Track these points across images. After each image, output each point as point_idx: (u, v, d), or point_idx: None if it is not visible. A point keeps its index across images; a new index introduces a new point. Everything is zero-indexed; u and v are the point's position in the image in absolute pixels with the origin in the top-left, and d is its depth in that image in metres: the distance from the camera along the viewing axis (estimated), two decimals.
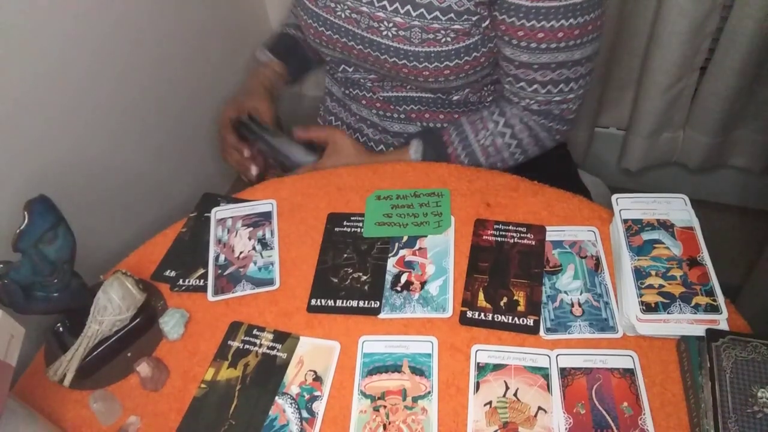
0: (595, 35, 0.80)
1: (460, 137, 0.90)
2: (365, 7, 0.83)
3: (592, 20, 0.77)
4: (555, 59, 0.80)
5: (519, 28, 0.77)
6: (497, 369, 0.67)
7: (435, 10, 0.79)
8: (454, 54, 0.82)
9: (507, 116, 0.88)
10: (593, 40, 0.80)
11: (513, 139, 0.89)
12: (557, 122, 0.88)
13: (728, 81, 1.28)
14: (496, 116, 0.89)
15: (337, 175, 0.89)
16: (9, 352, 0.59)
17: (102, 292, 0.71)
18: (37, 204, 0.65)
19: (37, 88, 0.77)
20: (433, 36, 0.80)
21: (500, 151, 0.89)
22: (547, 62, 0.80)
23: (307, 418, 0.66)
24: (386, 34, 0.83)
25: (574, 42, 0.78)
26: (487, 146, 0.89)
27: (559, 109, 0.86)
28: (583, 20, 0.76)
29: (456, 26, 0.79)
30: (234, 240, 0.83)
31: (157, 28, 0.96)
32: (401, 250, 0.79)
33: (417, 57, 0.82)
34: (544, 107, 0.86)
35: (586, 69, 0.83)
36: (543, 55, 0.79)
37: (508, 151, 0.89)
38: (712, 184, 1.57)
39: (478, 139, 0.89)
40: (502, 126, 0.88)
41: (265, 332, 0.73)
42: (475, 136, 0.89)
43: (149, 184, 1.00)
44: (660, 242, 0.71)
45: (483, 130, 0.89)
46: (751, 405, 0.58)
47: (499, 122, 0.88)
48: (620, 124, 1.53)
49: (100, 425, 0.68)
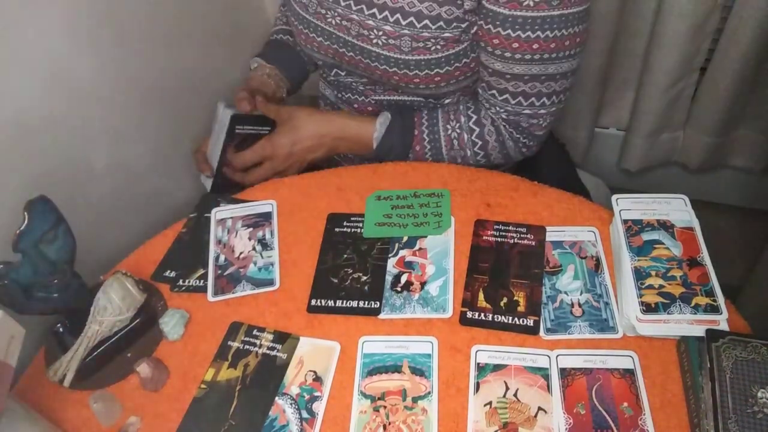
0: (573, 52, 0.78)
1: (429, 122, 0.89)
2: (355, 14, 0.83)
3: (571, 35, 0.75)
4: (528, 71, 0.78)
5: (495, 35, 0.76)
6: (497, 369, 0.67)
7: (424, 18, 0.78)
8: (444, 61, 0.82)
9: (480, 115, 0.88)
10: (571, 56, 0.78)
11: (479, 139, 0.88)
12: (524, 136, 0.87)
13: (728, 81, 1.28)
14: (470, 112, 0.88)
15: (337, 175, 0.89)
16: (9, 353, 0.59)
17: (102, 293, 0.71)
18: (37, 204, 0.65)
19: (37, 88, 0.77)
20: (423, 44, 0.80)
21: (464, 147, 0.88)
22: (519, 73, 0.79)
23: (307, 418, 0.66)
24: (376, 42, 0.82)
25: (549, 56, 0.76)
26: (453, 138, 0.88)
27: (528, 122, 0.85)
28: (561, 34, 0.75)
29: (446, 34, 0.79)
30: (234, 240, 0.83)
31: (157, 28, 0.96)
32: (401, 250, 0.79)
33: (407, 65, 0.82)
34: (513, 118, 0.85)
35: (561, 86, 0.81)
36: (516, 65, 0.78)
37: (471, 150, 0.89)
38: (712, 184, 1.57)
39: (446, 128, 0.88)
40: (473, 123, 0.88)
41: (265, 333, 0.73)
42: (445, 124, 0.89)
43: (149, 184, 1.00)
44: (660, 243, 0.71)
45: (454, 121, 0.88)
46: (751, 405, 0.58)
47: (471, 118, 0.88)
48: (620, 124, 1.53)
49: (100, 425, 0.68)
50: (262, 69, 1.02)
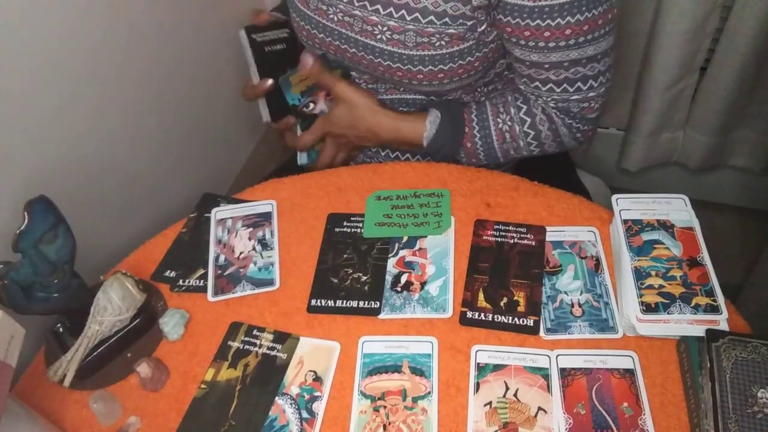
0: (607, 29, 0.77)
1: (479, 117, 0.89)
2: (358, 10, 0.82)
3: (601, 14, 0.75)
4: (567, 57, 0.78)
5: (525, 28, 0.76)
6: (497, 369, 0.67)
7: (429, 14, 0.78)
8: (448, 58, 0.82)
9: (530, 104, 0.87)
10: (605, 34, 0.77)
11: (531, 129, 0.87)
12: (577, 121, 0.86)
13: (728, 81, 1.28)
14: (519, 103, 0.87)
15: (337, 175, 0.89)
16: (9, 353, 0.59)
17: (102, 293, 0.71)
18: (37, 204, 0.65)
19: (36, 88, 0.77)
20: (427, 39, 0.80)
21: (516, 138, 0.88)
22: (558, 61, 0.78)
23: (307, 418, 0.66)
24: (380, 37, 0.82)
25: (584, 38, 0.76)
26: (505, 131, 0.87)
27: (579, 107, 0.84)
28: (591, 15, 0.74)
29: (451, 30, 0.79)
30: (234, 240, 0.83)
31: (157, 27, 0.96)
32: (401, 250, 0.79)
33: (411, 60, 0.82)
34: (562, 105, 0.84)
35: (604, 65, 0.81)
36: (552, 53, 0.77)
37: (524, 141, 0.88)
38: (712, 184, 1.57)
39: (496, 122, 0.87)
40: (523, 113, 0.87)
41: (265, 332, 0.73)
42: (495, 117, 0.88)
43: (149, 184, 1.00)
44: (660, 242, 0.71)
45: (504, 114, 0.87)
46: (751, 405, 0.58)
47: (521, 108, 0.87)
48: (620, 124, 1.53)
49: (100, 425, 0.68)
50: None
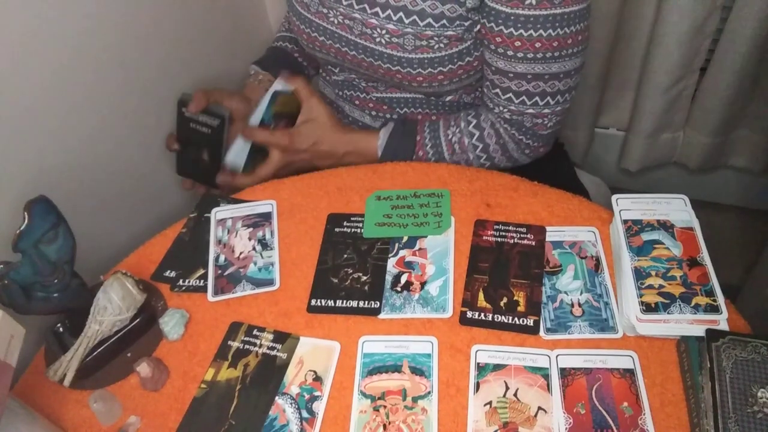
0: (576, 50, 0.78)
1: (431, 128, 0.90)
2: (357, 13, 0.83)
3: (573, 34, 0.75)
4: (531, 70, 0.78)
5: (497, 33, 0.76)
6: (497, 369, 0.67)
7: (427, 17, 0.78)
8: (447, 59, 0.82)
9: (480, 119, 0.88)
10: (573, 54, 0.78)
11: (480, 142, 0.88)
12: (528, 136, 0.87)
13: (728, 81, 1.28)
14: (470, 117, 0.89)
15: (337, 176, 0.89)
16: (9, 353, 0.59)
17: (102, 293, 0.71)
18: (37, 204, 0.65)
19: (36, 88, 0.77)
20: (426, 42, 0.80)
21: (465, 150, 0.89)
22: (522, 72, 0.79)
23: (307, 418, 0.66)
24: (379, 40, 0.82)
25: (551, 54, 0.76)
26: (454, 142, 0.89)
27: (532, 122, 0.85)
28: (563, 32, 0.74)
29: (449, 32, 0.79)
30: (234, 240, 0.83)
31: (159, 29, 0.96)
32: (401, 250, 0.79)
33: (410, 63, 0.82)
34: (516, 117, 0.85)
35: (565, 85, 0.81)
36: (519, 64, 0.78)
37: (473, 153, 0.89)
38: (712, 184, 1.57)
39: (446, 134, 0.89)
40: (472, 127, 0.88)
41: (265, 332, 0.73)
42: (446, 129, 0.89)
43: (149, 184, 1.00)
44: (660, 242, 0.71)
45: (454, 126, 0.89)
46: (751, 405, 0.58)
47: (471, 123, 0.88)
48: (620, 124, 1.53)
49: (100, 425, 0.68)
50: (255, 76, 1.03)
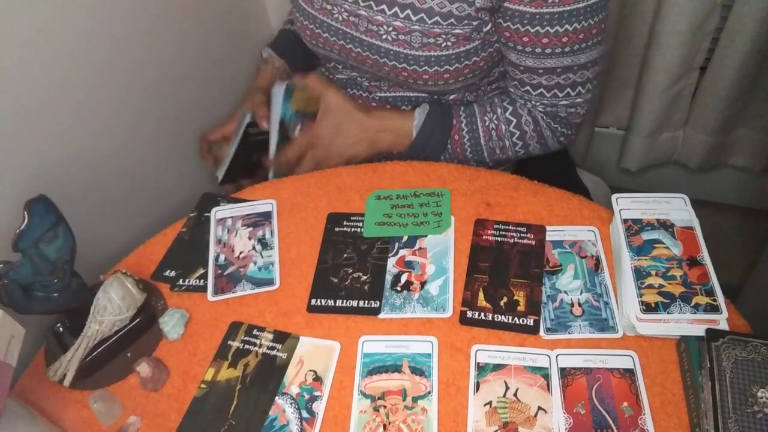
0: (600, 38, 0.80)
1: (467, 112, 0.90)
2: (363, 10, 0.82)
3: (596, 24, 0.77)
4: (560, 63, 0.80)
5: (524, 34, 0.77)
6: (497, 369, 0.67)
7: (435, 15, 0.79)
8: (454, 58, 0.82)
9: (516, 105, 0.89)
10: (598, 43, 0.80)
11: (517, 129, 0.89)
12: (562, 125, 0.89)
13: (728, 81, 1.28)
14: (506, 104, 0.89)
15: (337, 175, 0.89)
16: (9, 352, 0.59)
17: (102, 292, 0.71)
18: (37, 204, 0.65)
19: (36, 88, 0.77)
20: (433, 40, 0.80)
21: (502, 137, 0.89)
22: (552, 67, 0.80)
23: (307, 418, 0.66)
24: (386, 37, 0.82)
25: (578, 46, 0.78)
26: (491, 129, 0.89)
27: (566, 112, 0.87)
28: (587, 24, 0.76)
29: (456, 31, 0.79)
30: (234, 240, 0.82)
31: (159, 28, 0.96)
32: (401, 250, 0.79)
33: (417, 61, 0.82)
34: (550, 110, 0.86)
35: (593, 73, 0.83)
36: (548, 59, 0.79)
37: (510, 140, 0.89)
38: (712, 184, 1.57)
39: (483, 119, 0.89)
40: (509, 114, 0.88)
41: (265, 332, 0.73)
42: (482, 115, 0.89)
43: (149, 183, 1.00)
44: (660, 242, 0.71)
45: (491, 113, 0.89)
46: (751, 405, 0.58)
47: (507, 109, 0.89)
48: (620, 123, 1.53)
49: (100, 425, 0.68)
50: (272, 62, 1.03)
